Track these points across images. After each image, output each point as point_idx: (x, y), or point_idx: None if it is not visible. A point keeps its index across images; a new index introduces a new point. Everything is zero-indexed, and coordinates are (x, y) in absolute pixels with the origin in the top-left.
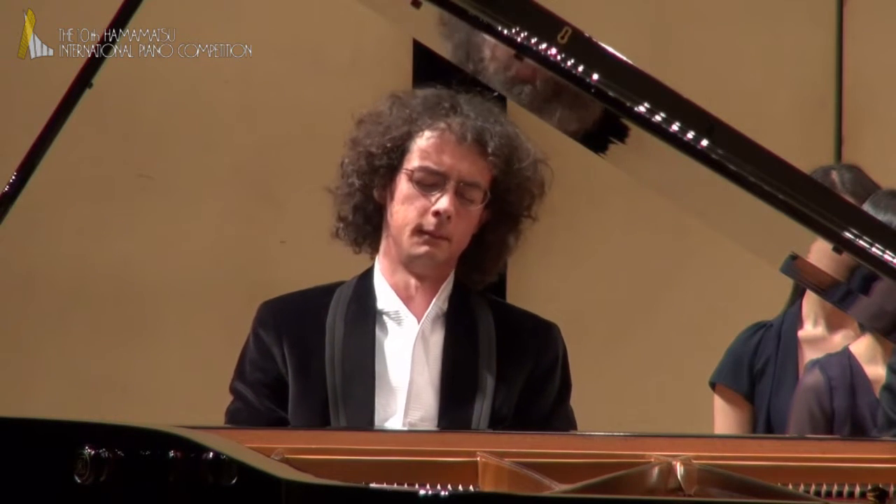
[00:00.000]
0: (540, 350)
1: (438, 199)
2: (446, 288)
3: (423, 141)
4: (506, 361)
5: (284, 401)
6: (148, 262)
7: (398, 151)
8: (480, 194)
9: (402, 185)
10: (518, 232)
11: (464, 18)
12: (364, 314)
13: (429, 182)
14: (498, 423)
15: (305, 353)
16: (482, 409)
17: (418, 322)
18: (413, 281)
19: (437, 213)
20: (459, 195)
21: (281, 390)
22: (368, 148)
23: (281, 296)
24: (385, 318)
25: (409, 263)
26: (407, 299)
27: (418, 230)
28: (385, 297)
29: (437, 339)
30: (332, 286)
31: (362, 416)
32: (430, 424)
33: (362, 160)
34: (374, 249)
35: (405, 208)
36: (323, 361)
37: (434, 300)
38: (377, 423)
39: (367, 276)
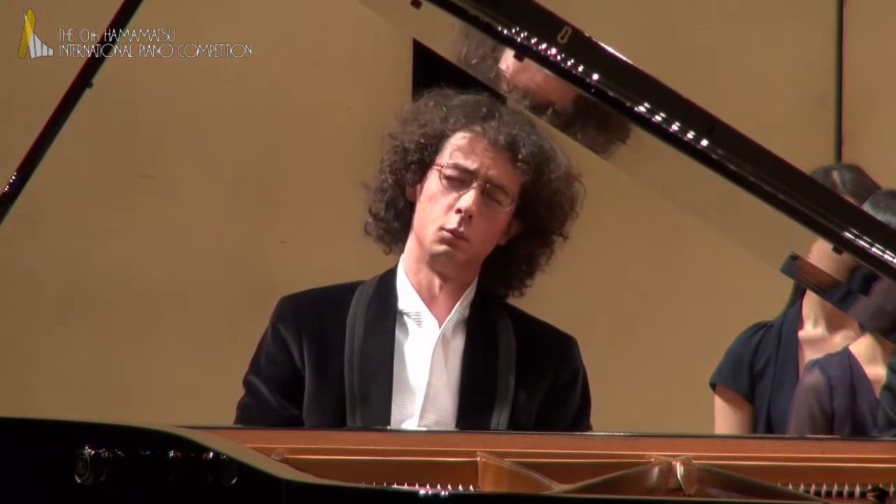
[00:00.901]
0: (560, 362)
1: (463, 197)
2: (469, 294)
3: (457, 140)
4: (525, 371)
5: (297, 397)
6: (148, 262)
7: (432, 148)
8: (507, 198)
9: (432, 183)
10: (549, 250)
11: (464, 18)
12: (385, 314)
13: (457, 179)
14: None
15: (324, 350)
16: (501, 416)
17: (439, 325)
18: (437, 281)
19: (458, 211)
20: (486, 195)
21: (295, 387)
22: (404, 143)
23: (301, 291)
24: (406, 318)
25: (430, 262)
26: (429, 301)
27: (441, 228)
28: (407, 297)
29: (457, 344)
30: (353, 284)
31: (379, 416)
32: (446, 428)
33: (397, 155)
34: (402, 249)
35: (431, 205)
36: (341, 360)
37: (457, 305)
38: (393, 423)
39: (390, 275)
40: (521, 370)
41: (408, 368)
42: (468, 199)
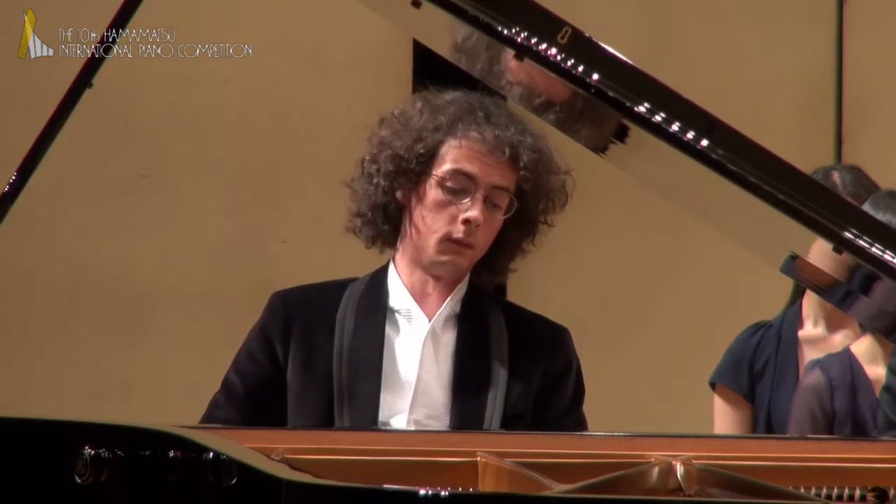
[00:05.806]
0: (552, 353)
1: (468, 207)
2: (460, 290)
3: (456, 149)
4: (518, 363)
5: (270, 398)
6: (148, 262)
7: (428, 156)
8: (507, 202)
9: (432, 191)
10: (534, 236)
11: (464, 18)
12: (375, 310)
13: (458, 188)
14: (510, 421)
15: (312, 346)
16: (495, 406)
17: (429, 321)
18: (431, 282)
19: (466, 222)
20: (488, 203)
21: (269, 389)
22: (398, 150)
23: (294, 287)
24: (396, 315)
25: (431, 268)
26: (420, 298)
27: (447, 238)
28: (398, 295)
29: (448, 338)
30: (345, 281)
31: (367, 411)
32: (437, 422)
33: (389, 162)
34: (388, 246)
35: (434, 215)
36: (330, 356)
37: (447, 301)
38: (382, 419)
39: (381, 273)
40: (513, 362)
41: (398, 364)
42: (475, 209)
